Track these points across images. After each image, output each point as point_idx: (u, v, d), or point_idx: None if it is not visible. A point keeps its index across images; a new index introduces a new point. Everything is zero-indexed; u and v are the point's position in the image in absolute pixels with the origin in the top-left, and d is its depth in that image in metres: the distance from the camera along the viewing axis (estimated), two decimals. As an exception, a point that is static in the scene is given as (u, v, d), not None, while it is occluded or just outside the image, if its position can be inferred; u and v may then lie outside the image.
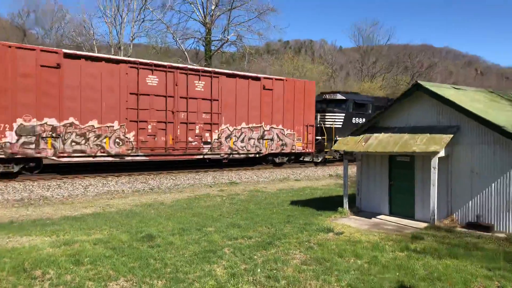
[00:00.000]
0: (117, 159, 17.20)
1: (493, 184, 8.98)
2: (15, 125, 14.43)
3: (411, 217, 10.29)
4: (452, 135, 9.26)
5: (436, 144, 9.08)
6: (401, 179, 10.61)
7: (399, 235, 8.72)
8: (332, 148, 12.72)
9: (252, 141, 20.79)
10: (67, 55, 15.48)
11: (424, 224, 9.52)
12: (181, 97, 18.18)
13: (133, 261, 6.81)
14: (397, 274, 6.35)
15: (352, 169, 17.44)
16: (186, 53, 40.27)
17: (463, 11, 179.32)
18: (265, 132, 21.22)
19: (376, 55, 61.55)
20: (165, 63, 18.42)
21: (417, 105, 10.33)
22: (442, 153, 9.20)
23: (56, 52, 15.35)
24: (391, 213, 10.76)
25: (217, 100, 19.35)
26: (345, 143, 11.00)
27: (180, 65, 19.20)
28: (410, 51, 64.67)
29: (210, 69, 20.33)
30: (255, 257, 7.13)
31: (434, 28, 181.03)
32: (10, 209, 11.59)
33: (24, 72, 14.51)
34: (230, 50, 47.31)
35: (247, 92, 20.35)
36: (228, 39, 40.43)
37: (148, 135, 17.37)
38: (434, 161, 9.13)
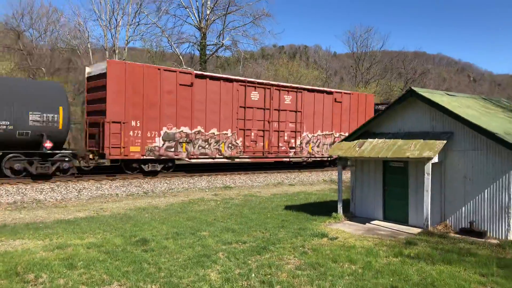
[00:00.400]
0: (229, 161, 20.75)
1: (486, 191, 9.06)
2: (162, 133, 17.80)
3: (405, 222, 10.34)
4: (446, 141, 9.34)
5: (430, 150, 9.15)
6: (395, 184, 10.67)
7: (393, 240, 8.76)
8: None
9: (325, 146, 23.95)
10: (197, 76, 18.97)
11: (417, 230, 9.57)
12: (274, 109, 21.74)
13: (127, 265, 6.78)
14: (391, 279, 6.38)
15: (346, 174, 17.49)
16: (181, 57, 40.28)
17: (456, 19, 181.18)
18: (336, 139, 24.16)
19: (370, 61, 61.95)
20: (264, 81, 22.39)
21: (411, 111, 10.41)
22: (435, 159, 9.27)
23: (190, 73, 18.72)
24: (385, 219, 10.81)
25: (300, 111, 22.79)
26: (339, 148, 11.05)
27: (275, 83, 22.80)
28: (404, 57, 65.15)
29: (296, 85, 23.88)
30: (249, 262, 7.13)
31: (427, 35, 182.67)
32: (3, 212, 11.49)
33: (168, 90, 17.86)
34: (225, 55, 47.32)
35: (322, 104, 23.78)
36: (223, 44, 40.52)
37: (251, 141, 20.91)
38: (428, 167, 9.20)
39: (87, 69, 18.53)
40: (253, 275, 6.47)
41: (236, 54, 42.84)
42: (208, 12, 39.12)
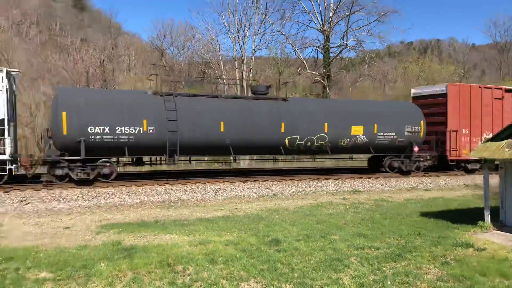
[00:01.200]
0: None
1: None
2: (482, 138, 21.75)
3: None
4: None
5: None
6: (558, 190, 9.13)
7: (557, 255, 7.50)
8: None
9: None
10: (506, 90, 22.87)
11: None
12: None
13: (261, 264, 7.09)
14: (558, 300, 5.48)
15: (493, 179, 15.58)
16: (304, 62, 40.78)
17: None
18: None
19: (519, 50, 54.26)
20: None
21: None
22: None
23: (500, 89, 22.91)
24: (546, 230, 9.31)
25: None
26: (485, 150, 9.91)
27: None
28: None
29: None
30: (383, 268, 6.85)
31: None
32: (154, 210, 13.06)
33: (486, 103, 22.23)
34: (349, 56, 46.37)
35: None
36: (347, 45, 39.84)
37: None
38: None
39: (413, 91, 24.03)
40: (388, 282, 6.20)
41: (361, 54, 41.70)
42: (331, 14, 38.89)
